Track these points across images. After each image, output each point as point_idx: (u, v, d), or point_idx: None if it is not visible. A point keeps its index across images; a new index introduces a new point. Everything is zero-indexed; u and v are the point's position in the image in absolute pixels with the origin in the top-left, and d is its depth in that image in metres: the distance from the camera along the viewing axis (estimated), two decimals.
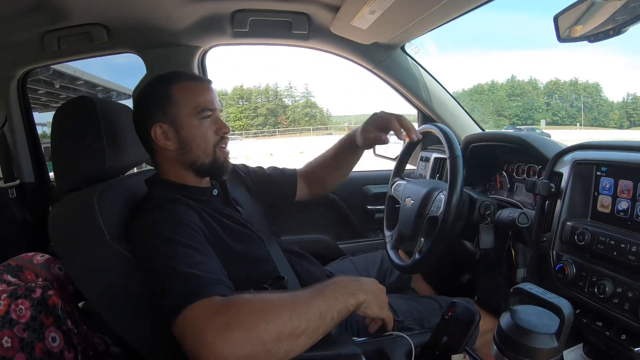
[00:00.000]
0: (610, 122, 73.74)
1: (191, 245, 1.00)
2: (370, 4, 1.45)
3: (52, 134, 1.23)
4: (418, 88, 2.08)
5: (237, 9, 1.84)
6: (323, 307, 0.90)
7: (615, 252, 0.99)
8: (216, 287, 0.91)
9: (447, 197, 1.22)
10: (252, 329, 0.82)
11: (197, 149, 1.20)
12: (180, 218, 1.06)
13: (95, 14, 1.75)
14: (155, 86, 1.23)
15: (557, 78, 79.27)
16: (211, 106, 1.22)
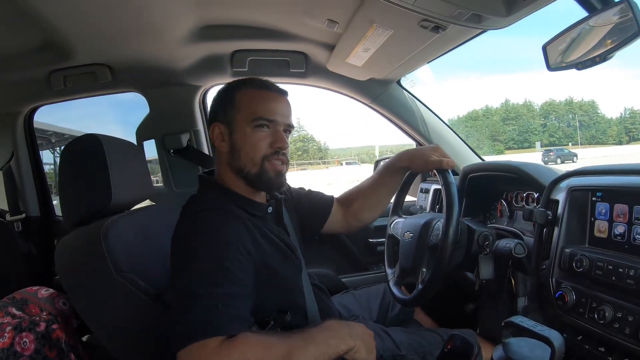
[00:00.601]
0: (609, 139, 73.52)
1: (232, 273, 0.98)
2: (364, 42, 1.50)
3: (60, 170, 1.26)
4: (415, 121, 2.11)
5: (236, 49, 1.91)
6: (316, 353, 0.92)
7: (614, 277, 0.99)
8: (231, 325, 0.91)
9: (444, 224, 1.22)
10: None
11: (244, 157, 1.17)
12: (232, 238, 1.03)
13: (99, 55, 1.81)
14: (226, 88, 1.24)
15: (551, 99, 79.78)
16: (270, 116, 1.18)
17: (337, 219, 1.55)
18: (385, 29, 1.40)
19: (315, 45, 1.85)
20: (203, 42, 1.80)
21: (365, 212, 1.56)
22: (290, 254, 1.20)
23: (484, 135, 74.29)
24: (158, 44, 1.72)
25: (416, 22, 1.31)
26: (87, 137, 1.27)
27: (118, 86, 2.04)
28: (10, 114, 2.15)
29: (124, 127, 6.90)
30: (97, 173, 1.22)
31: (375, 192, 1.54)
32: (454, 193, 1.24)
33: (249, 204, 1.19)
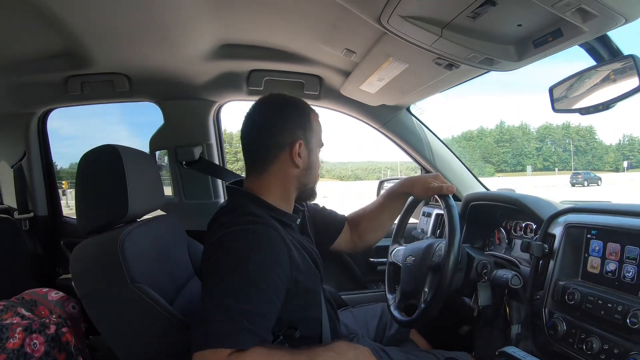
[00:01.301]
0: (605, 165, 72.08)
1: (265, 293, 1.00)
2: (379, 72, 1.57)
3: (78, 178, 1.28)
4: (422, 147, 2.17)
5: (253, 68, 1.96)
6: None
7: (603, 311, 1.04)
8: (248, 341, 0.94)
9: (447, 244, 1.27)
10: None
11: (314, 175, 1.29)
12: (274, 255, 1.05)
13: (118, 64, 1.86)
14: (299, 108, 1.28)
15: (548, 122, 77.92)
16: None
17: (345, 239, 1.60)
18: (401, 62, 1.47)
19: (330, 70, 1.90)
20: (222, 59, 1.84)
21: (369, 234, 1.62)
22: (314, 265, 1.24)
23: (476, 156, 73.48)
24: (178, 58, 1.77)
25: (431, 59, 1.38)
26: (106, 148, 1.29)
27: (134, 95, 2.07)
28: (25, 114, 2.18)
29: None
30: (115, 183, 1.25)
31: (379, 215, 1.61)
32: (456, 215, 1.31)
33: (284, 215, 1.22)
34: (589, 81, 1.20)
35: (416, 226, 2.18)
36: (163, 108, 2.13)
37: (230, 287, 0.98)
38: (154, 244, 1.30)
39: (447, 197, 1.36)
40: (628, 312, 0.99)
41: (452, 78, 1.59)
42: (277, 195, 1.23)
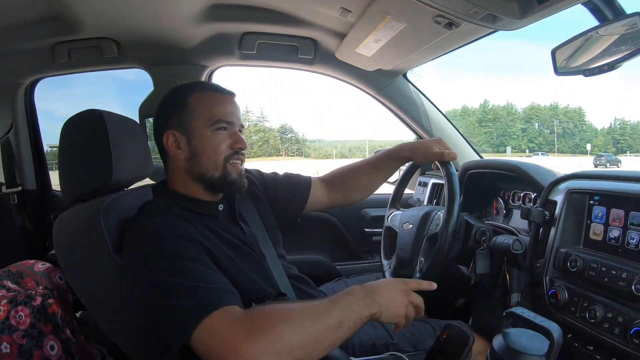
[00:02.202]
0: (594, 149, 71.05)
1: (193, 258, 0.99)
2: (376, 33, 1.51)
3: (60, 145, 1.24)
4: (418, 114, 2.13)
5: (246, 31, 1.90)
6: (341, 317, 0.93)
7: (607, 278, 1.02)
8: (229, 296, 0.93)
9: (445, 213, 1.25)
10: (278, 338, 0.85)
11: (206, 161, 1.17)
12: (176, 232, 1.03)
13: (106, 29, 1.79)
14: (175, 93, 1.22)
15: (535, 103, 76.91)
16: (228, 119, 1.18)
17: (320, 198, 1.57)
18: (399, 21, 1.41)
19: (325, 33, 1.85)
20: (213, 21, 1.79)
21: (356, 192, 1.61)
22: (246, 248, 1.19)
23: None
24: (167, 20, 1.71)
25: (430, 17, 1.32)
26: (89, 112, 1.24)
27: (123, 62, 2.01)
28: (11, 84, 2.11)
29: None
30: (99, 149, 1.20)
31: (371, 175, 1.58)
32: (456, 184, 1.27)
33: (197, 204, 1.19)
34: (592, 42, 1.15)
35: (412, 196, 2.16)
36: (153, 74, 2.06)
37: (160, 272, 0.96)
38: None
39: (448, 164, 1.32)
40: (633, 279, 0.96)
41: (452, 39, 1.55)
42: (183, 187, 1.20)
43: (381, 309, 0.99)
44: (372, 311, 0.97)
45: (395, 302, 1.02)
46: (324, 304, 0.95)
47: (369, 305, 0.97)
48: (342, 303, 0.95)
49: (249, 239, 1.24)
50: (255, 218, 1.36)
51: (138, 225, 1.07)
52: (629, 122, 78.82)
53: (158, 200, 1.20)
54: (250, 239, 1.25)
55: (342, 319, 0.92)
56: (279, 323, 0.87)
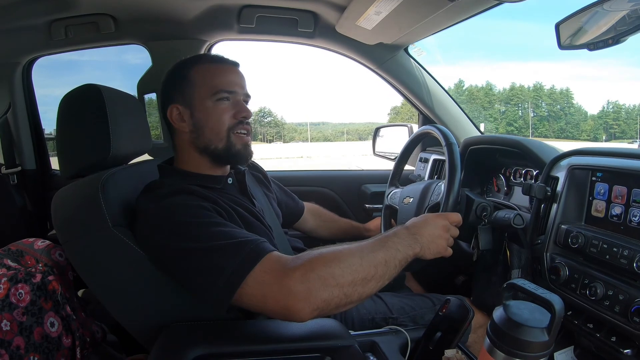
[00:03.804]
0: (582, 134, 69.21)
1: (220, 223, 1.02)
2: (377, 4, 1.47)
3: (58, 120, 1.23)
4: (420, 90, 2.10)
5: (245, 4, 1.86)
6: (387, 256, 0.99)
7: (608, 255, 1.01)
8: (267, 245, 0.97)
9: (447, 182, 1.24)
10: (329, 277, 0.90)
11: (209, 132, 1.19)
12: (196, 204, 1.05)
13: (102, 4, 1.77)
14: (177, 68, 1.23)
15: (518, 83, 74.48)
16: (230, 88, 1.19)
17: (309, 223, 1.76)
18: None
19: (325, 5, 1.81)
20: None
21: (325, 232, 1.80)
22: (255, 220, 1.20)
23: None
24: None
25: None
26: (87, 87, 1.22)
27: (121, 37, 1.99)
28: (8, 64, 2.09)
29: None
30: (96, 123, 1.18)
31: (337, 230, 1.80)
32: (457, 153, 1.28)
33: (207, 179, 1.21)
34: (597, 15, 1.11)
35: (412, 172, 2.15)
36: (151, 49, 2.04)
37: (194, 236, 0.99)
38: (140, 187, 1.24)
39: (448, 135, 1.32)
40: (634, 257, 0.95)
41: (454, 12, 1.51)
42: (190, 164, 1.23)
43: (424, 247, 1.07)
44: (416, 250, 1.05)
45: (436, 240, 1.09)
46: (370, 244, 1.00)
47: (413, 245, 1.04)
48: (389, 244, 1.01)
49: (258, 211, 1.26)
50: (261, 193, 1.40)
51: (157, 205, 1.07)
52: (624, 105, 75.85)
53: (168, 179, 1.20)
54: (259, 211, 1.27)
55: (388, 259, 0.98)
56: (330, 263, 0.92)
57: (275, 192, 1.55)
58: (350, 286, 0.92)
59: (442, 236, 1.10)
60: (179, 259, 0.99)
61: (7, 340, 1.18)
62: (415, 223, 1.11)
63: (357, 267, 0.93)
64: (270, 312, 0.93)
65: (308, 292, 0.89)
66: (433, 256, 1.09)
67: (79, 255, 1.15)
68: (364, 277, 0.94)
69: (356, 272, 0.93)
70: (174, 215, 1.03)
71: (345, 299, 0.92)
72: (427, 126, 1.46)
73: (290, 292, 0.89)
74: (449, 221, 1.13)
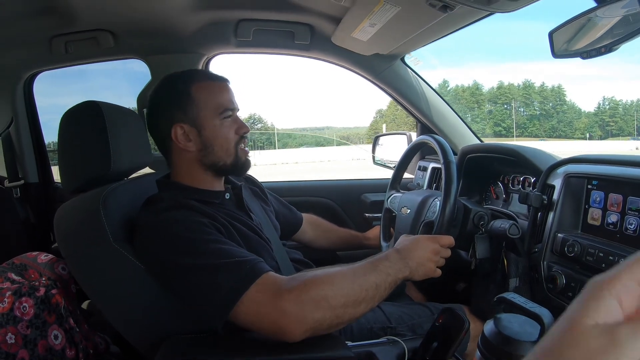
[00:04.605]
0: (575, 132, 67.20)
1: (219, 240, 1.04)
2: (371, 17, 1.48)
3: (59, 137, 1.25)
4: (417, 99, 2.11)
5: (241, 18, 1.88)
6: (378, 280, 1.01)
7: (604, 264, 1.01)
8: (264, 265, 1.00)
9: (442, 201, 1.25)
10: (322, 299, 0.93)
11: (219, 150, 1.21)
12: (196, 220, 1.07)
13: (101, 20, 1.78)
14: (173, 85, 1.23)
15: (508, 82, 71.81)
16: (231, 106, 1.22)
17: (309, 234, 1.75)
18: (393, 5, 1.38)
19: (321, 18, 1.82)
20: (208, 8, 1.77)
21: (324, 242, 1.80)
22: (253, 234, 1.22)
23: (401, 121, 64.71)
24: (161, 9, 1.70)
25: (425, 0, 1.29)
26: (87, 104, 1.24)
27: (120, 53, 2.01)
28: (9, 79, 2.10)
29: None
30: (97, 139, 1.20)
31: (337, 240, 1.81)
32: (454, 171, 1.29)
33: (205, 194, 1.22)
34: (590, 23, 1.12)
35: (411, 180, 2.15)
36: (150, 64, 2.05)
37: (191, 253, 1.01)
38: (140, 201, 1.26)
39: (446, 151, 1.34)
40: None
41: (448, 23, 1.52)
42: (190, 178, 1.23)
43: (412, 271, 1.09)
44: (405, 274, 1.08)
45: (425, 263, 1.12)
46: (362, 267, 1.03)
47: (402, 269, 1.07)
48: (380, 267, 1.04)
49: (256, 224, 1.27)
50: (258, 207, 1.41)
51: (157, 220, 1.08)
52: (621, 101, 73.84)
53: (167, 193, 1.20)
54: (257, 225, 1.28)
55: (379, 282, 1.01)
56: (322, 285, 0.96)
57: (273, 204, 1.56)
58: (342, 308, 0.95)
59: (432, 259, 1.13)
60: (176, 274, 1.01)
61: (12, 353, 1.19)
62: (406, 246, 1.13)
63: (349, 290, 0.97)
64: (264, 330, 0.97)
65: (301, 313, 0.92)
66: (421, 278, 1.12)
67: (81, 268, 1.17)
68: (355, 300, 0.97)
69: (348, 295, 0.96)
70: (172, 231, 1.05)
71: (337, 320, 0.96)
72: (426, 136, 1.47)
73: (283, 313, 0.92)
74: (440, 244, 1.16)
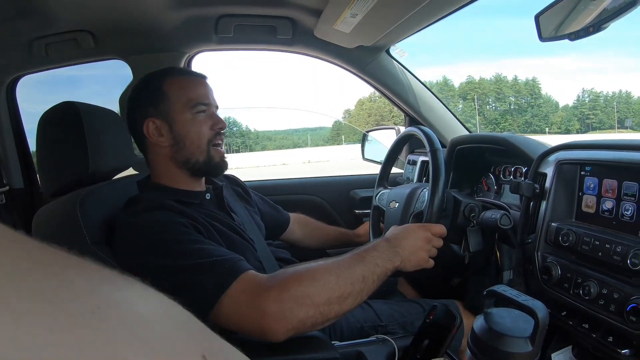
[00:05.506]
0: (552, 127, 65.44)
1: (198, 240, 1.01)
2: (352, 7, 1.44)
3: (37, 139, 1.23)
4: (404, 91, 2.08)
5: (221, 14, 1.85)
6: (365, 271, 0.97)
7: (600, 252, 0.97)
8: (244, 263, 0.97)
9: (430, 189, 1.21)
10: (304, 296, 0.89)
11: (190, 145, 1.18)
12: (175, 220, 1.04)
13: (80, 21, 1.76)
14: (147, 82, 1.22)
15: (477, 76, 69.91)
16: (205, 100, 1.20)
17: (296, 233, 1.71)
18: None
19: (302, 11, 1.79)
20: (188, 6, 1.74)
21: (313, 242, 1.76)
22: (234, 235, 1.19)
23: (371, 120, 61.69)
24: (140, 7, 1.67)
25: None
26: (64, 105, 1.22)
27: (101, 53, 1.98)
28: None
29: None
30: (74, 141, 1.18)
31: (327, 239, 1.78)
32: (441, 159, 1.25)
33: (185, 194, 1.20)
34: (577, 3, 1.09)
35: (401, 175, 2.12)
36: (131, 64, 2.01)
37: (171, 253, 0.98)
38: (121, 203, 1.23)
39: (432, 140, 1.29)
40: (628, 253, 0.91)
41: (431, 9, 1.48)
42: (169, 179, 1.21)
43: (404, 260, 1.06)
44: (395, 264, 1.04)
45: (417, 252, 1.09)
46: (348, 260, 0.99)
47: (392, 258, 1.04)
48: (367, 258, 1.00)
49: (238, 225, 1.25)
50: (241, 207, 1.38)
51: (134, 221, 1.06)
52: (601, 93, 71.75)
53: (147, 194, 1.19)
54: (239, 225, 1.25)
55: (366, 274, 0.97)
56: (304, 281, 0.91)
57: (257, 205, 1.53)
58: (326, 305, 0.91)
59: (423, 248, 1.09)
60: (154, 276, 0.96)
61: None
62: (395, 235, 1.10)
63: (333, 285, 0.92)
64: (246, 331, 0.92)
65: (282, 312, 0.88)
66: (414, 268, 1.08)
67: None
68: (340, 295, 0.92)
69: (332, 290, 0.92)
70: (150, 232, 1.02)
71: (322, 317, 0.91)
72: (412, 128, 1.44)
73: (264, 313, 0.88)
74: (431, 232, 1.12)
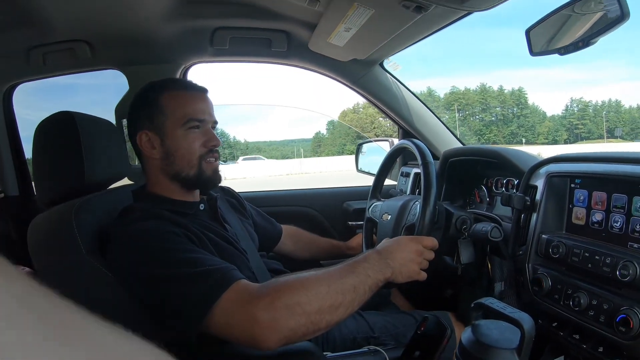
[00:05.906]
0: (539, 137, 64.97)
1: (190, 250, 1.01)
2: (345, 21, 1.46)
3: (33, 148, 1.23)
4: (398, 104, 2.09)
5: (217, 26, 1.86)
6: (356, 282, 0.97)
7: (590, 264, 0.98)
8: (235, 273, 0.97)
9: (422, 202, 1.22)
10: (295, 305, 0.89)
11: (180, 160, 1.18)
12: (168, 230, 1.04)
13: (78, 31, 1.77)
14: (146, 93, 1.22)
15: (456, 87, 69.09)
16: (199, 117, 1.19)
17: (288, 246, 1.72)
18: (366, 8, 1.36)
19: (297, 25, 1.81)
20: (184, 18, 1.76)
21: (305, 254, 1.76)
22: (227, 245, 1.19)
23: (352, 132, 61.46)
24: (136, 19, 1.68)
25: (397, 1, 1.27)
26: (60, 115, 1.22)
27: (97, 63, 1.99)
28: None
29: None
30: (70, 151, 1.18)
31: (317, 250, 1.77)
32: (432, 172, 1.25)
33: (179, 205, 1.21)
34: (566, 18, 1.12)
35: (394, 187, 2.13)
36: (127, 74, 2.02)
37: (162, 263, 0.98)
38: (115, 212, 1.23)
39: (424, 153, 1.30)
40: (617, 264, 0.92)
41: (424, 24, 1.50)
42: (163, 189, 1.22)
43: (395, 272, 1.06)
44: (387, 275, 1.04)
45: (408, 264, 1.09)
46: (339, 270, 1.00)
47: (384, 270, 1.04)
48: (358, 269, 1.00)
49: (231, 235, 1.25)
50: (234, 218, 1.38)
51: (128, 230, 1.06)
52: (590, 102, 71.07)
53: (141, 204, 1.19)
54: (232, 236, 1.25)
55: (357, 285, 0.97)
56: (296, 290, 0.91)
57: (252, 216, 1.54)
58: (317, 314, 0.91)
59: (415, 260, 1.10)
60: (147, 285, 0.98)
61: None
62: (387, 247, 1.10)
63: (324, 295, 0.93)
64: (238, 340, 0.93)
65: (274, 321, 0.88)
66: (405, 280, 1.08)
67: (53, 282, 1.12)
68: (332, 305, 0.93)
69: (323, 299, 0.92)
70: (143, 241, 1.02)
71: (313, 326, 0.91)
72: (404, 140, 1.45)
73: (256, 322, 0.88)
74: (423, 245, 1.12)
